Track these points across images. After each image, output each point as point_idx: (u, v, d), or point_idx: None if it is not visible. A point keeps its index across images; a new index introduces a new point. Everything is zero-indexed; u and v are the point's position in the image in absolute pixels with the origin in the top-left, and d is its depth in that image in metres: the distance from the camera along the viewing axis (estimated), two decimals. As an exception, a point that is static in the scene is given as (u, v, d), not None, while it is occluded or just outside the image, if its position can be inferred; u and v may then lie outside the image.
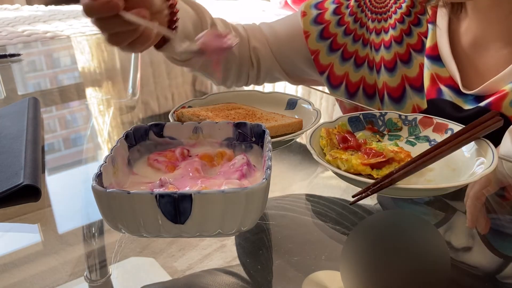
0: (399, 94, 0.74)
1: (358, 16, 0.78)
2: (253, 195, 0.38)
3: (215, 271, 0.42)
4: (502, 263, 0.44)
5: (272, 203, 0.52)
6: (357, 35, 0.78)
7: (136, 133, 0.51)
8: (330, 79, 0.81)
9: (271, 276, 0.42)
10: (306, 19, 0.80)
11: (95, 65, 1.23)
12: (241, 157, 0.48)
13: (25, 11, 2.73)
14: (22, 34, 2.05)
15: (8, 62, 1.18)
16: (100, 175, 0.40)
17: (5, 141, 0.64)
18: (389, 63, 0.74)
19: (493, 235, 0.48)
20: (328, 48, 0.79)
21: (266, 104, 0.71)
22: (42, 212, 0.53)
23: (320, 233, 0.48)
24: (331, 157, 0.53)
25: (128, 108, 0.90)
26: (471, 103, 0.67)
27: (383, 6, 0.76)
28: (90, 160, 0.70)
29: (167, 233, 0.39)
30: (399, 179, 0.47)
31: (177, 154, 0.50)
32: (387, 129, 0.63)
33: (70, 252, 0.46)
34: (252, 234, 0.46)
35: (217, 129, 0.52)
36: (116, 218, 0.39)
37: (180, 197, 0.37)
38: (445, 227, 0.49)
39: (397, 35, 0.73)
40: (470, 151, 0.54)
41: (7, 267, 0.44)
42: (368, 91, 0.79)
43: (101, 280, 0.42)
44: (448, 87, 0.69)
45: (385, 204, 0.53)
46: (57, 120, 0.86)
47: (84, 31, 2.18)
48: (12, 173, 0.55)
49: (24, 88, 1.06)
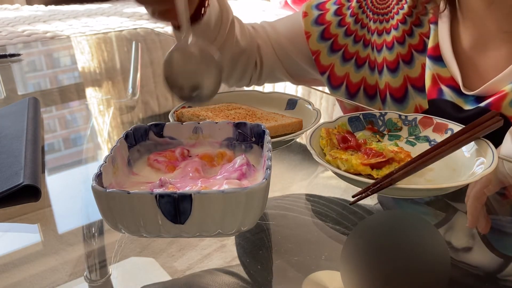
0: (401, 94, 0.74)
1: (359, 17, 0.78)
2: (253, 195, 0.38)
3: (215, 271, 0.42)
4: (502, 263, 0.44)
5: (272, 203, 0.52)
6: (358, 36, 0.78)
7: (136, 133, 0.51)
8: (330, 79, 0.81)
9: (271, 276, 0.42)
10: (307, 20, 0.80)
11: (95, 65, 1.23)
12: (241, 157, 0.48)
13: (25, 11, 2.73)
14: (22, 34, 2.05)
15: (8, 62, 1.18)
16: (100, 175, 0.40)
17: (5, 141, 0.64)
18: (392, 64, 0.74)
19: (493, 235, 0.48)
20: (329, 49, 0.79)
21: (266, 104, 0.71)
22: (42, 212, 0.53)
23: (320, 233, 0.48)
24: (331, 157, 0.53)
25: (128, 108, 0.90)
26: (471, 104, 0.67)
27: (385, 7, 0.76)
28: (90, 160, 0.70)
29: (167, 233, 0.39)
30: (399, 179, 0.47)
31: (177, 154, 0.50)
32: (387, 129, 0.63)
33: (70, 252, 0.46)
34: (252, 234, 0.46)
35: (217, 129, 0.52)
36: (116, 218, 0.39)
37: (180, 197, 0.37)
38: (445, 227, 0.49)
39: (399, 35, 0.73)
40: (470, 151, 0.54)
41: (7, 267, 0.44)
42: (369, 91, 0.79)
43: (101, 280, 0.42)
44: (449, 87, 0.69)
45: (385, 204, 0.53)
46: (57, 120, 0.86)
47: (84, 31, 2.18)
48: (12, 173, 0.55)
49: (24, 88, 1.06)
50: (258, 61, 0.83)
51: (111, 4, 3.16)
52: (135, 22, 2.44)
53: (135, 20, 2.50)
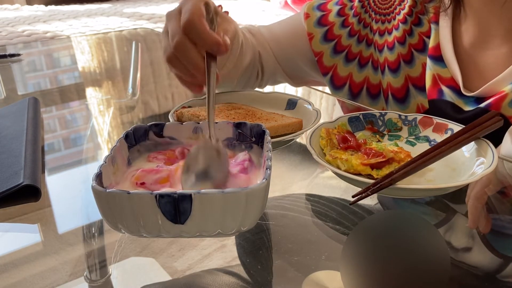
0: (403, 94, 0.74)
1: (362, 16, 0.78)
2: (253, 195, 0.38)
3: (215, 271, 0.42)
4: (502, 264, 0.44)
5: (272, 203, 0.52)
6: (361, 35, 0.78)
7: (136, 133, 0.51)
8: (333, 80, 0.81)
9: (271, 276, 0.42)
10: (310, 21, 0.80)
11: (95, 65, 1.23)
12: (244, 153, 0.48)
13: (25, 11, 2.73)
14: (22, 34, 2.05)
15: (8, 62, 1.18)
16: (100, 175, 0.40)
17: (5, 141, 0.64)
18: (393, 64, 0.74)
19: (493, 236, 0.48)
20: (332, 50, 0.79)
21: (266, 104, 0.71)
22: (42, 212, 0.53)
23: (320, 233, 0.48)
24: (331, 157, 0.53)
25: (128, 108, 0.90)
26: (471, 105, 0.67)
27: (387, 7, 0.76)
28: (90, 160, 0.70)
29: (167, 233, 0.39)
30: (399, 179, 0.47)
31: (177, 153, 0.50)
32: (387, 129, 0.63)
33: (70, 252, 0.46)
34: (252, 234, 0.46)
35: (217, 129, 0.52)
36: (116, 218, 0.39)
37: (180, 197, 0.37)
38: (446, 227, 0.49)
39: (400, 35, 0.73)
40: (470, 151, 0.54)
41: (7, 267, 0.44)
42: (372, 91, 0.79)
43: (101, 280, 0.42)
44: (449, 88, 0.69)
45: (385, 204, 0.53)
46: (57, 120, 0.86)
47: (84, 31, 2.18)
48: (12, 173, 0.55)
49: (24, 88, 1.06)
50: (260, 69, 0.82)
51: (111, 4, 3.17)
52: (135, 22, 2.44)
53: (135, 20, 2.50)
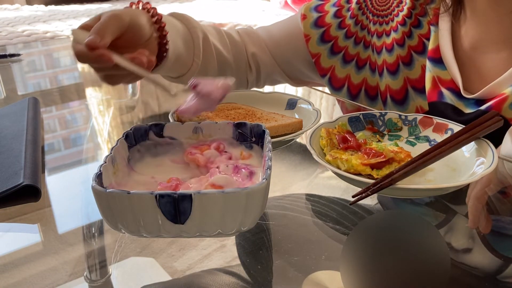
0: (402, 96, 0.74)
1: (359, 18, 0.78)
2: (253, 195, 0.38)
3: (215, 271, 0.42)
4: (502, 264, 0.44)
5: (272, 203, 0.52)
6: (358, 37, 0.78)
7: (136, 133, 0.51)
8: (332, 81, 0.81)
9: (271, 276, 0.42)
10: (306, 22, 0.80)
11: (95, 65, 1.23)
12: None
13: (25, 11, 2.73)
14: (22, 34, 2.05)
15: (8, 62, 1.18)
16: (100, 175, 0.40)
17: (5, 141, 0.64)
18: (392, 66, 0.74)
19: (494, 236, 0.48)
20: (329, 51, 0.79)
21: (266, 104, 0.71)
22: (42, 212, 0.53)
23: (320, 233, 0.48)
24: (331, 157, 0.53)
25: (128, 108, 0.90)
26: (471, 107, 0.67)
27: (385, 9, 0.76)
28: (90, 160, 0.70)
29: (167, 233, 0.39)
30: (399, 179, 0.47)
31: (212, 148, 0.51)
32: (387, 129, 0.63)
33: (70, 252, 0.46)
34: (252, 234, 0.46)
35: (217, 129, 0.52)
36: (116, 218, 0.39)
37: (180, 197, 0.37)
38: (446, 227, 0.49)
39: (399, 37, 0.73)
40: (470, 151, 0.54)
41: (7, 267, 0.44)
42: (370, 93, 0.79)
43: (101, 280, 0.42)
44: (449, 90, 0.69)
45: (385, 204, 0.53)
46: (57, 120, 0.86)
47: (84, 31, 2.17)
48: (12, 173, 0.55)
49: (24, 88, 1.06)
50: (254, 68, 0.82)
51: (111, 4, 3.16)
52: (135, 22, 2.43)
53: (135, 20, 2.49)
